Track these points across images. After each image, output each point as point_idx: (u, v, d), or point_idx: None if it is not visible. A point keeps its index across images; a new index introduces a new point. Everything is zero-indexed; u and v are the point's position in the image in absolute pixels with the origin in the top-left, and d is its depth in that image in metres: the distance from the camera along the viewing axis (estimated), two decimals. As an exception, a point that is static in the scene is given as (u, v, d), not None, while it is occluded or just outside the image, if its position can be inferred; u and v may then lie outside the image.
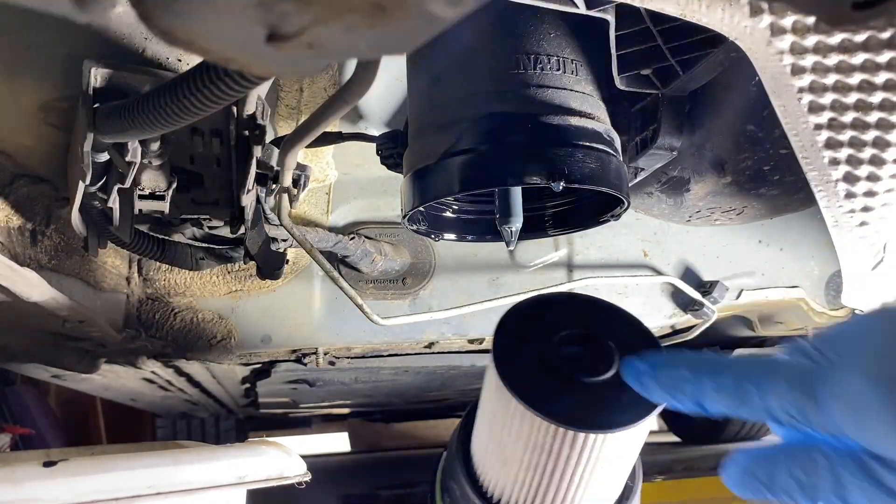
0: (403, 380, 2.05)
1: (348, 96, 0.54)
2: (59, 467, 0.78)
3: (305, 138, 0.70)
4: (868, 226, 0.75)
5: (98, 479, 0.79)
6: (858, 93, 0.62)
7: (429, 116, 0.79)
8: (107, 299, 1.14)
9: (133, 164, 0.77)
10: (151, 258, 1.02)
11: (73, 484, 0.78)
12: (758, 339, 1.86)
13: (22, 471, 0.76)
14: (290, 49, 0.28)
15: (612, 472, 0.64)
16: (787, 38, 0.58)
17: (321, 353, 1.31)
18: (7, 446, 2.24)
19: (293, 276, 1.24)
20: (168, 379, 1.87)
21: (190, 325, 1.21)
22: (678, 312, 1.37)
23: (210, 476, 0.86)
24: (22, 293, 0.83)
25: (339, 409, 3.89)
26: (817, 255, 1.40)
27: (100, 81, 0.75)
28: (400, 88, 1.04)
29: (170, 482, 0.83)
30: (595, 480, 0.63)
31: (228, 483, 0.87)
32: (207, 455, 0.88)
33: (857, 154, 0.67)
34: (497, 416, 0.63)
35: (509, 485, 0.66)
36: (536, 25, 0.76)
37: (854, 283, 0.88)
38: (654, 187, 1.08)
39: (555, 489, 0.63)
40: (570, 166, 0.73)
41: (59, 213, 1.05)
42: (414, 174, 0.79)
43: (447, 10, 0.28)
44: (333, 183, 1.20)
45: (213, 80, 0.48)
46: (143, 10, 0.30)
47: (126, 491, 0.80)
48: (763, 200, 1.03)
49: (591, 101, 0.78)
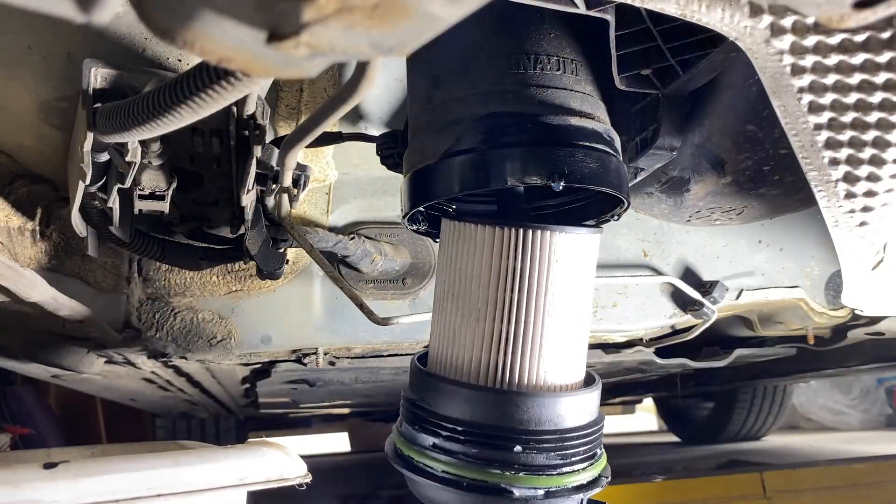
0: (403, 380, 2.05)
1: (348, 96, 0.54)
2: (59, 469, 0.78)
3: (305, 138, 0.70)
4: (868, 226, 0.75)
5: (99, 481, 0.79)
6: (858, 93, 0.62)
7: (429, 116, 0.79)
8: (107, 299, 1.14)
9: (133, 164, 0.77)
10: (151, 258, 1.02)
11: (73, 486, 0.78)
12: (758, 339, 1.86)
13: (23, 472, 0.76)
14: (290, 49, 0.28)
15: (567, 301, 0.74)
16: (787, 38, 0.58)
17: (321, 353, 1.31)
18: (7, 446, 2.24)
19: (293, 276, 1.24)
20: (168, 379, 1.87)
21: (190, 325, 1.21)
22: (678, 312, 1.37)
23: (211, 477, 0.86)
24: (22, 293, 0.83)
25: (339, 409, 3.89)
26: (817, 255, 1.40)
27: (100, 81, 0.75)
28: (400, 88, 1.04)
29: (170, 484, 0.83)
30: (555, 311, 0.72)
31: (229, 485, 0.87)
32: (208, 456, 0.88)
33: (857, 154, 0.67)
34: (454, 270, 0.74)
35: (477, 342, 0.74)
36: (536, 25, 0.76)
37: (854, 283, 0.88)
38: (654, 187, 1.08)
39: (522, 323, 0.72)
40: (570, 166, 0.73)
41: (59, 213, 1.05)
42: (414, 174, 0.79)
43: (447, 11, 0.28)
44: (333, 183, 1.20)
45: (214, 80, 0.48)
46: (143, 11, 0.30)
47: (127, 492, 0.80)
48: (763, 200, 1.03)
49: (591, 101, 0.78)
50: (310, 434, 5.00)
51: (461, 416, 0.73)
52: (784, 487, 1.93)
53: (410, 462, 0.77)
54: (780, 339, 1.86)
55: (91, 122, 0.73)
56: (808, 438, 4.29)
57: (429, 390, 0.78)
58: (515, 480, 0.70)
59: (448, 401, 0.75)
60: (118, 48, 0.77)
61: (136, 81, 0.76)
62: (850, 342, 1.74)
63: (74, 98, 0.82)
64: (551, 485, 0.71)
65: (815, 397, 4.96)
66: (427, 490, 0.76)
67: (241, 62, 0.31)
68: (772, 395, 3.69)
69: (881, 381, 4.92)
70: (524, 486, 0.70)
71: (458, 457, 0.72)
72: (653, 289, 1.36)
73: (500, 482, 0.70)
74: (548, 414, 0.73)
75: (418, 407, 0.77)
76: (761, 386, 3.61)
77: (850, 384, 4.94)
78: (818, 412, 4.98)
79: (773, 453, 3.43)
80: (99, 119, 0.72)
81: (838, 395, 4.97)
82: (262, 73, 0.32)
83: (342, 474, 3.78)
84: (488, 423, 0.72)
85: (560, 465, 0.72)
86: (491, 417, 0.72)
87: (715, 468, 2.71)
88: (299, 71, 0.32)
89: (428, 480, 0.74)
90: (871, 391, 4.96)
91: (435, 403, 0.76)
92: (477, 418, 0.73)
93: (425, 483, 0.75)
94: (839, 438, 4.26)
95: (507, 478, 0.70)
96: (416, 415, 0.77)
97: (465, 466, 0.72)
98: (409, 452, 0.77)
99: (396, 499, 2.45)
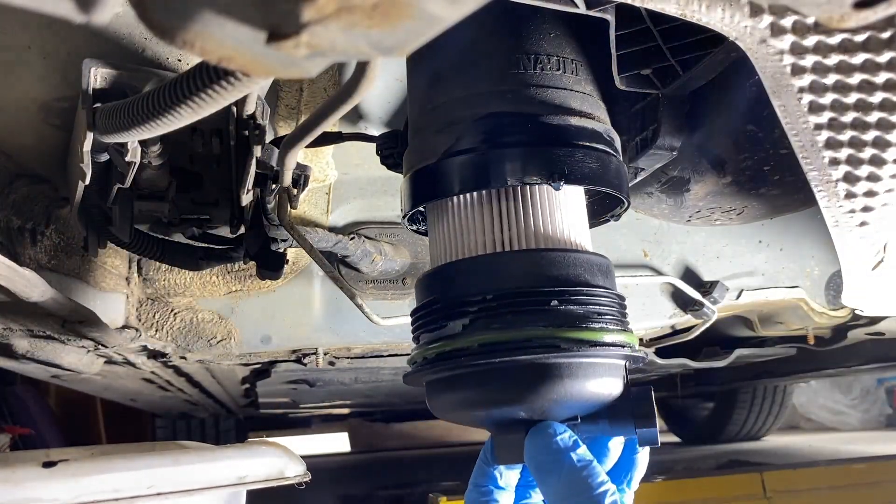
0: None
1: (348, 96, 0.54)
2: (58, 468, 0.78)
3: (305, 138, 0.70)
4: (868, 226, 0.75)
5: (98, 480, 0.79)
6: (859, 93, 0.62)
7: (429, 116, 0.79)
8: (107, 299, 1.14)
9: (133, 164, 0.77)
10: (151, 258, 1.02)
11: (73, 484, 0.78)
12: (758, 339, 1.86)
13: (22, 471, 0.76)
14: (290, 49, 0.28)
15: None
16: (788, 38, 0.58)
17: (321, 353, 1.31)
18: (7, 446, 2.25)
19: (293, 276, 1.24)
20: (168, 379, 1.87)
21: (190, 325, 1.21)
22: (678, 312, 1.37)
23: (210, 477, 0.86)
24: (22, 293, 0.83)
25: (339, 409, 3.89)
26: (817, 255, 1.40)
27: (100, 81, 0.75)
28: (400, 88, 1.05)
29: (170, 482, 0.83)
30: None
31: (228, 483, 0.87)
32: (208, 455, 0.88)
33: (858, 154, 0.67)
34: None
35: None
36: (536, 25, 0.77)
37: (854, 283, 0.88)
38: (654, 187, 1.08)
39: (529, 201, 0.75)
40: (570, 166, 0.73)
41: (59, 213, 1.05)
42: (414, 174, 0.79)
43: (447, 11, 0.28)
44: (333, 183, 1.20)
45: (213, 80, 0.48)
46: (143, 10, 0.30)
47: (126, 491, 0.80)
48: (763, 200, 1.03)
49: (591, 101, 0.78)
50: (310, 434, 5.01)
51: (487, 287, 0.70)
52: (784, 487, 1.93)
53: (443, 355, 0.71)
54: (780, 339, 1.86)
55: (91, 122, 0.73)
56: (808, 438, 4.30)
57: (444, 282, 0.74)
58: (559, 332, 0.68)
59: (469, 279, 0.72)
60: (118, 48, 0.77)
61: (136, 81, 0.76)
62: (850, 342, 1.74)
63: (74, 98, 0.82)
64: (594, 338, 0.69)
65: (815, 397, 4.96)
66: (461, 384, 0.71)
67: (241, 62, 0.31)
68: (772, 396, 3.69)
69: (881, 381, 4.93)
70: (568, 338, 0.68)
71: (495, 326, 0.69)
72: (653, 289, 1.36)
73: (545, 336, 0.67)
74: (576, 270, 0.71)
75: (434, 304, 0.74)
76: (761, 386, 3.61)
77: (850, 384, 4.94)
78: (818, 412, 4.98)
79: (773, 453, 3.43)
80: (99, 119, 0.72)
81: (838, 395, 4.97)
82: (262, 72, 0.32)
83: (342, 474, 3.78)
84: (518, 286, 0.70)
85: (598, 319, 0.70)
86: (519, 280, 0.70)
87: (715, 468, 2.71)
88: (299, 71, 0.32)
89: (465, 362, 0.69)
90: (871, 391, 4.97)
91: (453, 290, 0.73)
92: (505, 285, 0.70)
93: (460, 374, 0.70)
94: (839, 438, 4.26)
95: (549, 332, 0.68)
96: (436, 311, 0.73)
97: (504, 331, 0.68)
98: (437, 350, 0.72)
99: (396, 499, 2.45)
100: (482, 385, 0.70)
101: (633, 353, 0.71)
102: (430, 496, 1.83)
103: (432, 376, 0.74)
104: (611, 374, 0.70)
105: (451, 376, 0.72)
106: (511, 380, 0.68)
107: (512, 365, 0.68)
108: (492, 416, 0.71)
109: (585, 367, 0.68)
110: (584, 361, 0.68)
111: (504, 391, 0.68)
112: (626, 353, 0.71)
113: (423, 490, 2.23)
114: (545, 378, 0.67)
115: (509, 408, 0.69)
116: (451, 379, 0.72)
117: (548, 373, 0.67)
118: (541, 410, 0.69)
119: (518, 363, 0.68)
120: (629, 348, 0.71)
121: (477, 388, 0.70)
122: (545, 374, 0.67)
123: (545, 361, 0.67)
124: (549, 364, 0.67)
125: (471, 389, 0.71)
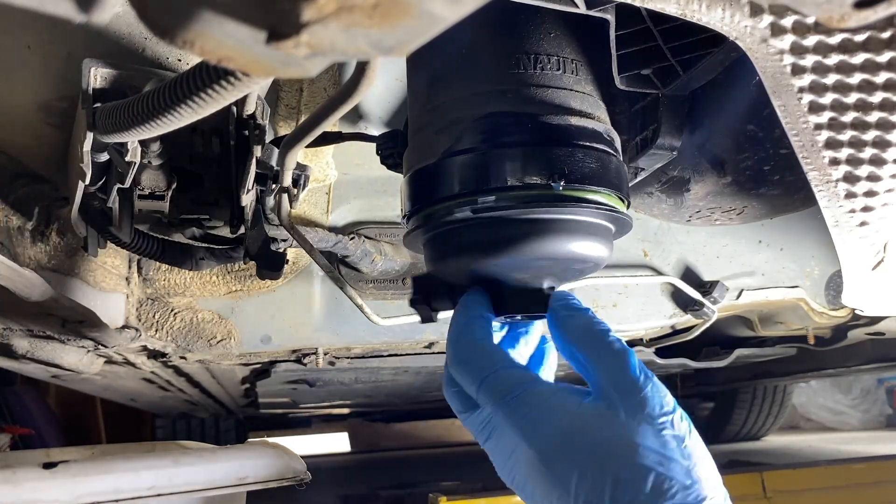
0: (403, 380, 2.05)
1: (348, 96, 0.54)
2: (59, 469, 0.78)
3: (305, 138, 0.70)
4: (868, 226, 0.75)
5: (98, 481, 0.79)
6: (859, 92, 0.62)
7: (429, 116, 0.79)
8: (107, 299, 1.14)
9: (133, 164, 0.77)
10: (151, 258, 1.02)
11: (73, 485, 0.78)
12: (758, 339, 1.86)
13: (22, 472, 0.76)
14: (290, 49, 0.28)
15: None
16: (788, 38, 0.58)
17: (321, 353, 1.31)
18: (7, 446, 2.25)
19: (293, 276, 1.24)
20: (168, 379, 1.87)
21: (190, 325, 1.21)
22: (678, 312, 1.37)
23: (210, 477, 0.86)
24: (22, 293, 0.83)
25: (339, 409, 3.89)
26: (817, 255, 1.40)
27: (99, 81, 0.75)
28: (400, 88, 1.04)
29: (170, 483, 0.83)
30: None
31: (229, 484, 0.87)
32: (208, 456, 0.88)
33: (858, 154, 0.67)
34: None
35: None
36: (536, 25, 0.76)
37: (854, 283, 0.88)
38: (654, 187, 1.08)
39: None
40: (570, 166, 0.73)
41: (59, 213, 1.05)
42: (414, 174, 0.79)
43: (447, 10, 0.28)
44: (333, 183, 1.20)
45: (213, 80, 0.48)
46: (143, 10, 0.30)
47: (127, 492, 0.80)
48: (763, 200, 1.03)
49: (591, 101, 0.78)
50: (310, 434, 5.01)
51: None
52: (784, 487, 1.93)
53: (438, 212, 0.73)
54: (780, 339, 1.86)
55: (91, 121, 0.73)
56: (808, 438, 4.30)
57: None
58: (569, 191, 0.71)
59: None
60: (118, 48, 0.77)
61: (136, 81, 0.76)
62: (850, 342, 1.74)
63: (74, 98, 0.82)
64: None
65: (815, 397, 4.96)
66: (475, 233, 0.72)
67: (241, 62, 0.31)
68: (772, 396, 3.69)
69: (881, 381, 4.93)
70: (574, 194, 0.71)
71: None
72: (653, 289, 1.36)
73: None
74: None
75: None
76: (761, 386, 3.61)
77: (850, 384, 4.95)
78: (818, 412, 4.98)
79: (773, 453, 3.43)
80: (99, 119, 0.72)
81: (838, 395, 4.97)
82: (262, 72, 0.32)
83: (342, 474, 3.78)
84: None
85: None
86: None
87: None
88: (299, 71, 0.32)
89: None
90: (871, 391, 4.97)
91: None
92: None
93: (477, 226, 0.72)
94: (839, 438, 4.27)
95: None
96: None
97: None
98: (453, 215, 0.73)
99: (396, 499, 2.45)
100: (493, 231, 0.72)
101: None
102: (430, 496, 1.83)
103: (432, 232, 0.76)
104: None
105: (450, 230, 0.74)
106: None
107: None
108: (502, 265, 0.72)
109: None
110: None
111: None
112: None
113: (423, 490, 2.23)
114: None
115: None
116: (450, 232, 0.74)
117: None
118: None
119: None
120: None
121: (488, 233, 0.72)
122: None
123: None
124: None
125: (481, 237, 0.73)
